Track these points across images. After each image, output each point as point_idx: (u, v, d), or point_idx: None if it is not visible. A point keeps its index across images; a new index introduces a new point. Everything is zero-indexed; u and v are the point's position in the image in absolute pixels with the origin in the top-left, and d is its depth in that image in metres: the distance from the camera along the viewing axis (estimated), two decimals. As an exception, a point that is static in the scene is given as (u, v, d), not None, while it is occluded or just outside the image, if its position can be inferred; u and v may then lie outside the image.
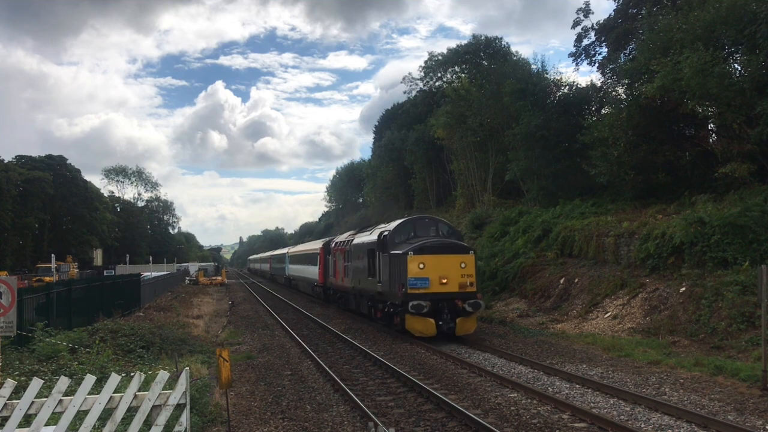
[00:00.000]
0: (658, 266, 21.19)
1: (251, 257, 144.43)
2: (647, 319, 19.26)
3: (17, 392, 6.93)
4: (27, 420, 6.84)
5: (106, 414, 6.99)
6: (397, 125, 76.68)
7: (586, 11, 40.53)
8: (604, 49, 40.37)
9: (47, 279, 46.23)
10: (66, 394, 6.90)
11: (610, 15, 39.94)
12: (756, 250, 18.41)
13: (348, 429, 10.49)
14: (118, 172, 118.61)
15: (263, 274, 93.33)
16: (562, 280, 25.72)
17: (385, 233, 22.26)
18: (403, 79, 69.52)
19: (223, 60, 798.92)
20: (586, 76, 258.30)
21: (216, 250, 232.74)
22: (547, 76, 40.99)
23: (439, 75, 64.69)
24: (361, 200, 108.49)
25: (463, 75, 58.02)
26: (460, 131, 50.68)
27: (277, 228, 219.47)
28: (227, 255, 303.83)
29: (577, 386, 13.15)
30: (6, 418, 6.64)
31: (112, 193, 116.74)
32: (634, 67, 28.20)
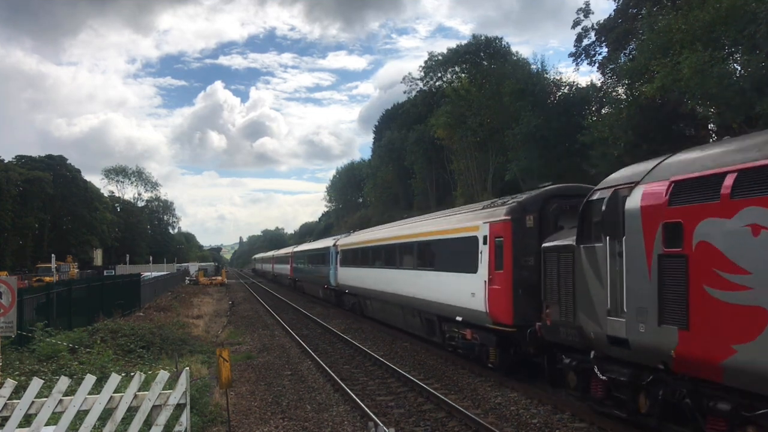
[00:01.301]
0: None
1: (258, 256, 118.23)
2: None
3: (17, 392, 6.93)
4: (27, 420, 6.84)
5: (106, 414, 6.99)
6: (397, 125, 76.77)
7: (586, 11, 40.57)
8: (604, 49, 40.41)
9: (47, 279, 46.24)
10: (66, 394, 6.90)
11: (610, 15, 40.02)
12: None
13: (348, 429, 10.50)
14: (118, 172, 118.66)
15: (279, 279, 67.06)
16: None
17: None
18: (403, 79, 69.64)
19: (223, 60, 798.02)
20: (586, 76, 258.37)
21: (216, 250, 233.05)
22: (547, 76, 41.08)
23: (439, 75, 64.77)
24: (361, 200, 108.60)
25: (463, 75, 58.10)
26: (460, 131, 50.74)
27: (277, 228, 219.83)
28: (227, 255, 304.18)
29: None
30: (6, 418, 6.65)
31: (112, 193, 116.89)
32: (634, 67, 28.24)
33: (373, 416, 10.52)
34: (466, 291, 15.06)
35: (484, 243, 14.35)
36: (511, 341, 13.43)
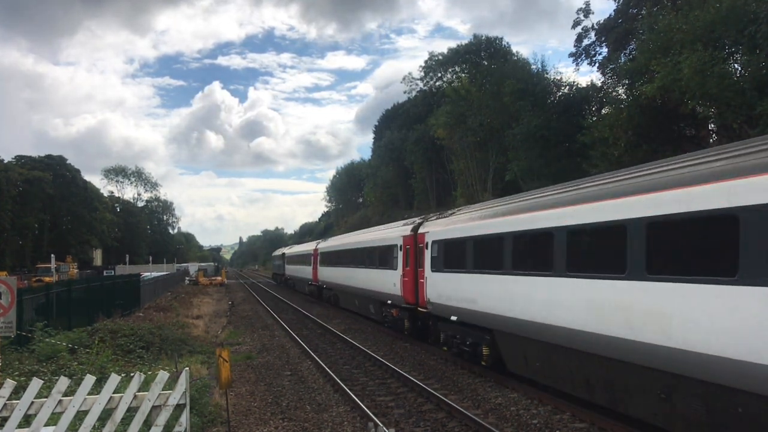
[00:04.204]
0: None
1: (289, 252, 59.25)
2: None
3: (17, 392, 6.92)
4: (27, 420, 6.83)
5: (106, 414, 6.98)
6: (397, 125, 76.80)
7: (586, 11, 40.56)
8: (605, 49, 40.41)
9: (47, 279, 46.23)
10: (66, 395, 6.89)
11: (610, 15, 40.03)
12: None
13: (348, 429, 10.48)
14: (117, 172, 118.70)
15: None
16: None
17: None
18: (403, 78, 69.76)
19: (222, 60, 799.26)
20: (586, 76, 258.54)
21: (216, 251, 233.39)
22: (547, 76, 41.09)
23: (439, 75, 64.82)
24: (361, 200, 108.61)
25: (463, 75, 58.12)
26: (460, 131, 50.73)
27: (276, 228, 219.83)
28: (227, 255, 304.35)
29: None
30: (6, 419, 6.63)
31: (112, 193, 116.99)
32: (634, 67, 28.24)
33: (373, 416, 10.51)
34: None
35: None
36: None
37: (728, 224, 7.08)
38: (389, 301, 21.61)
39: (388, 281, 21.60)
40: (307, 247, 46.56)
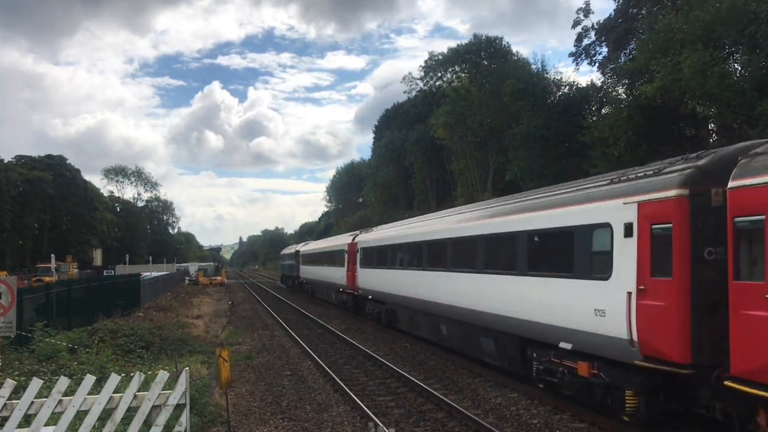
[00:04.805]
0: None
1: (306, 249, 48.95)
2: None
3: (17, 392, 6.92)
4: (27, 420, 6.83)
5: (106, 414, 6.98)
6: (397, 125, 76.86)
7: (587, 11, 40.55)
8: (605, 49, 40.40)
9: (47, 279, 46.22)
10: (66, 395, 6.88)
11: (610, 15, 40.00)
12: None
13: (348, 429, 10.48)
14: (117, 172, 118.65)
15: None
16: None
17: None
18: (403, 78, 69.80)
19: (221, 60, 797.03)
20: (586, 76, 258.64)
21: (216, 250, 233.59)
22: (547, 76, 41.11)
23: (440, 75, 64.85)
24: (361, 200, 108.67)
25: (463, 75, 58.16)
26: (460, 131, 50.79)
27: (276, 228, 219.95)
28: (227, 255, 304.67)
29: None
30: (6, 419, 6.63)
31: (112, 193, 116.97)
32: (634, 67, 28.25)
33: (373, 416, 10.51)
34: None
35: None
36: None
37: None
38: (567, 344, 10.53)
39: (573, 303, 10.39)
40: (337, 241, 35.52)
